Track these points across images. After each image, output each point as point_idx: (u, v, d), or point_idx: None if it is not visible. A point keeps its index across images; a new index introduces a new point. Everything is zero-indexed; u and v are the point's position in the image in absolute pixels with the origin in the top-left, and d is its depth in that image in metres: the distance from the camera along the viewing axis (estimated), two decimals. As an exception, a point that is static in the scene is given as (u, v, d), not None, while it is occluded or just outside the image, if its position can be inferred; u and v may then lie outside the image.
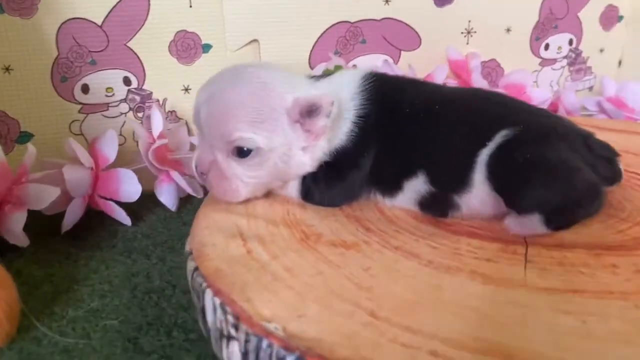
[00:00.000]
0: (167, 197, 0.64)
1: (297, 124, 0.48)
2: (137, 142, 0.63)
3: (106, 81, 0.66)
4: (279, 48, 0.73)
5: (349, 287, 0.37)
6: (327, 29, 0.74)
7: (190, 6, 0.68)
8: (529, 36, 0.86)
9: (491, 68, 0.85)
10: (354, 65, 0.77)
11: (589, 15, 0.89)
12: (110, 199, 0.60)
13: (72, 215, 0.57)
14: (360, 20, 0.75)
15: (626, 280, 0.38)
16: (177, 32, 0.68)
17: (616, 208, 0.50)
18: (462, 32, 0.81)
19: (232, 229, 0.46)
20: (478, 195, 0.46)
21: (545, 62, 0.89)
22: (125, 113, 0.69)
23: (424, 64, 0.80)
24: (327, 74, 0.54)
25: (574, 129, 0.48)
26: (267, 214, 0.49)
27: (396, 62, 0.79)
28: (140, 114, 0.69)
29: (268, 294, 0.37)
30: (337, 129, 0.49)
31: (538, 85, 0.90)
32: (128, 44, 0.66)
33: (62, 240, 0.57)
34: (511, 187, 0.44)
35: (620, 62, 0.95)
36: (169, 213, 0.64)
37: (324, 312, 0.35)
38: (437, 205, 0.48)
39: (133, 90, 0.68)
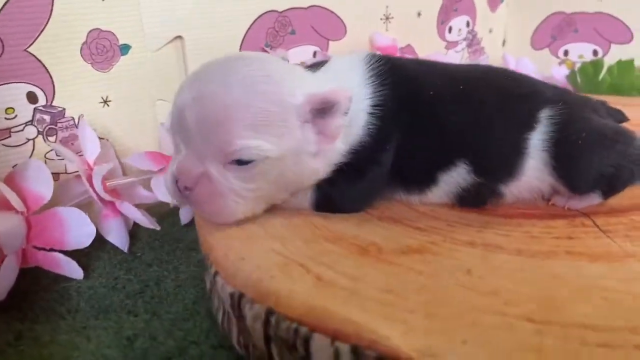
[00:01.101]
0: (116, 235, 0.51)
1: (308, 125, 0.39)
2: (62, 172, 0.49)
3: (5, 99, 0.51)
4: (206, 44, 0.63)
5: (472, 296, 0.31)
6: (255, 20, 0.66)
7: (103, 0, 0.55)
8: (435, 20, 0.86)
9: (408, 53, 0.84)
10: (284, 58, 0.70)
11: (480, -3, 0.93)
12: (51, 250, 0.45)
13: (7, 279, 0.42)
14: (289, 9, 0.69)
15: None
16: (90, 31, 0.55)
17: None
18: (381, 19, 0.79)
19: (273, 255, 0.37)
20: (527, 182, 0.43)
21: (449, 45, 0.90)
22: (33, 139, 0.53)
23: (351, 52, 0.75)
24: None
25: (590, 98, 0.48)
26: (293, 231, 0.41)
27: (325, 52, 0.74)
28: (52, 138, 0.54)
29: (399, 324, 0.29)
30: (353, 125, 0.41)
31: (445, 68, 0.91)
32: (29, 49, 0.51)
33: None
34: (575, 171, 0.42)
35: (504, 42, 1.00)
36: (121, 255, 0.51)
37: (480, 333, 0.28)
38: (479, 197, 0.43)
39: (41, 108, 0.53)
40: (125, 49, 0.58)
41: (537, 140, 0.42)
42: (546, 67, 0.92)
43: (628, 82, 0.75)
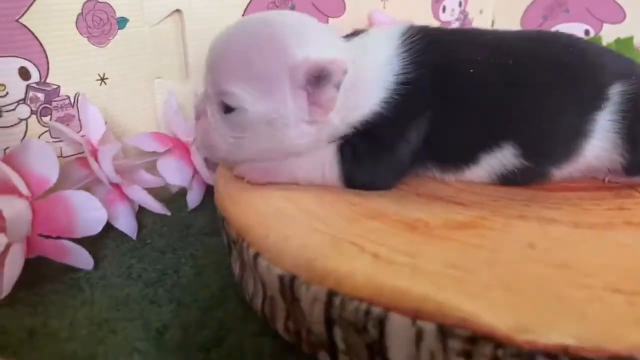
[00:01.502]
0: (124, 221, 0.47)
1: (301, 91, 0.38)
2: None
3: (-6, 75, 0.46)
4: (206, 18, 0.59)
5: (545, 270, 0.29)
6: (255, -5, 0.63)
7: (97, -33, 0.50)
8: (430, -1, 0.85)
9: (404, 33, 0.82)
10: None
11: (471, -23, 0.91)
12: (58, 237, 0.41)
13: (13, 271, 0.38)
14: (288, -16, 0.65)
15: None
16: (86, 2, 0.50)
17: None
18: (379, -5, 0.76)
19: (319, 235, 0.34)
20: (585, 163, 0.40)
21: (444, 25, 0.89)
22: (26, 119, 0.49)
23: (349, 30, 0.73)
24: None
25: None
26: (330, 210, 0.38)
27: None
28: (46, 118, 0.50)
29: (481, 300, 0.27)
30: (362, 100, 0.39)
31: (439, 48, 0.89)
32: (21, 20, 0.47)
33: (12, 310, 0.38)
34: None
35: (493, 23, 0.99)
36: (129, 242, 0.47)
37: (571, 307, 0.26)
38: (525, 178, 0.41)
39: (34, 85, 0.48)
40: (122, 22, 0.53)
41: (606, 121, 0.38)
42: None
43: (626, 60, 0.75)
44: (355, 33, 0.43)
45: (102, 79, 0.53)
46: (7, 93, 0.47)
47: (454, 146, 0.40)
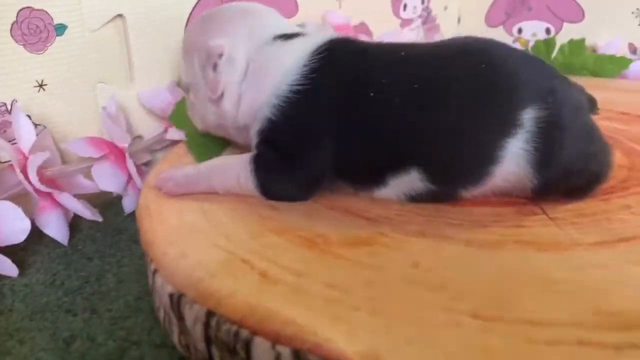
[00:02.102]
0: (54, 228, 0.48)
1: (206, 70, 0.44)
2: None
3: None
4: (149, 23, 0.60)
5: (420, 291, 0.31)
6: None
7: (32, -25, 0.51)
8: (390, -3, 0.85)
9: (362, 32, 0.82)
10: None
11: (434, -26, 0.91)
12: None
13: None
14: (237, -13, 0.66)
15: (651, 218, 0.38)
16: (20, 9, 0.51)
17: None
18: (334, -5, 0.77)
19: (217, 252, 0.35)
20: (494, 185, 0.39)
21: (404, 23, 0.89)
22: (-34, 127, 0.50)
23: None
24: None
25: (577, 87, 0.43)
26: (238, 224, 0.39)
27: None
28: (-19, 126, 0.51)
29: (342, 324, 0.28)
30: (255, 99, 0.43)
31: (401, 46, 0.90)
32: (-49, 30, 0.48)
33: None
34: (560, 184, 0.39)
35: (459, 19, 1.00)
36: (60, 249, 0.49)
37: (425, 331, 0.28)
38: (434, 199, 0.41)
39: (-32, 93, 0.50)
40: (60, 29, 0.54)
41: (516, 148, 0.37)
42: None
43: (579, 62, 0.75)
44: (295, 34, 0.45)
45: (41, 85, 0.54)
46: (-61, 102, 0.48)
47: (361, 166, 0.41)
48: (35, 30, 0.52)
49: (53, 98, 0.55)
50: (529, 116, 0.37)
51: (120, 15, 0.58)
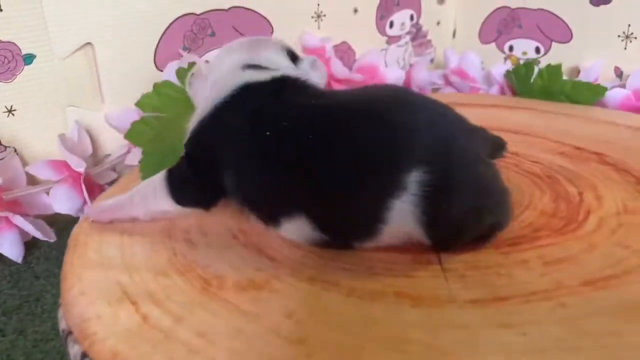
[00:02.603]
0: (9, 247, 0.52)
1: None
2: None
3: None
4: (118, 50, 0.63)
5: (279, 345, 0.33)
6: (171, 24, 0.66)
7: (1, 10, 0.55)
8: (374, 15, 0.85)
9: (343, 51, 0.83)
10: (207, 61, 0.70)
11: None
12: None
13: None
14: (207, 12, 0.68)
15: (541, 276, 0.39)
16: (-13, 42, 0.55)
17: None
18: (312, 17, 0.78)
19: (114, 291, 0.38)
20: (387, 241, 0.40)
21: (391, 40, 0.90)
22: None
23: (279, 53, 0.75)
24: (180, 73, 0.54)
25: (480, 134, 0.43)
26: (149, 260, 0.42)
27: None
28: (-48, 149, 0.56)
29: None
30: (198, 111, 0.46)
31: (387, 64, 0.90)
32: None
33: None
34: (450, 240, 0.40)
35: (454, 33, 0.99)
36: (14, 266, 0.53)
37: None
38: (329, 246, 0.41)
39: (-62, 120, 0.54)
40: (29, 58, 0.58)
41: (402, 210, 0.37)
42: (493, 62, 0.91)
43: (557, 87, 0.75)
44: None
45: (10, 111, 0.58)
46: None
47: (257, 203, 0.42)
48: (4, 61, 0.57)
49: (23, 122, 0.60)
50: (413, 179, 0.36)
51: (89, 44, 0.62)
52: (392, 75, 0.83)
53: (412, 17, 0.91)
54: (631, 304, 0.35)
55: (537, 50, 0.87)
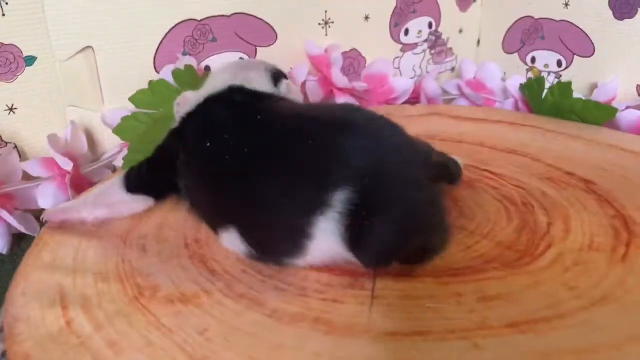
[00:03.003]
0: (-6, 238, 0.56)
1: None
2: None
3: None
4: (117, 53, 0.66)
5: (180, 360, 0.34)
6: (170, 29, 0.68)
7: (3, 14, 0.58)
8: (387, 22, 0.84)
9: (352, 58, 0.83)
10: (207, 66, 0.72)
11: (446, -3, 0.89)
12: None
13: None
14: (208, 17, 0.70)
15: (469, 312, 0.37)
16: (-10, 45, 0.59)
17: (466, 217, 0.50)
18: (319, 24, 0.78)
19: (52, 293, 0.40)
20: (316, 259, 0.41)
21: (406, 48, 0.88)
22: (-63, 144, 0.59)
23: (283, 60, 0.75)
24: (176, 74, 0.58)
25: (424, 158, 0.43)
26: (97, 265, 0.44)
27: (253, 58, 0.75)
28: (-45, 143, 0.60)
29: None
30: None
31: (401, 71, 0.89)
32: None
33: None
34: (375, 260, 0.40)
35: (478, 42, 0.96)
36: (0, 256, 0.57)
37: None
38: (263, 261, 0.42)
39: (-57, 116, 0.59)
40: (30, 60, 0.62)
41: (328, 227, 0.38)
42: (515, 74, 0.88)
43: (567, 105, 0.71)
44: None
45: (11, 109, 0.62)
46: None
47: (200, 210, 0.45)
48: (5, 62, 0.60)
49: (23, 120, 0.63)
50: (338, 197, 0.37)
51: (89, 47, 0.64)
52: (400, 85, 0.81)
53: (430, 25, 0.89)
54: (546, 352, 0.33)
55: (559, 63, 0.83)
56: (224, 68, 0.55)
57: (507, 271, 0.41)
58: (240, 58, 0.74)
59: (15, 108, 0.62)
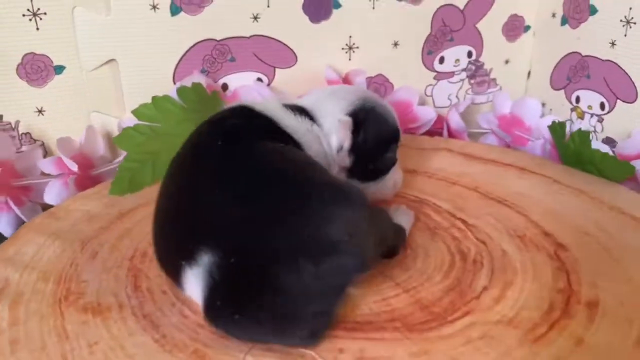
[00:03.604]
0: (4, 226, 0.64)
1: None
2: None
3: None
4: (139, 67, 0.71)
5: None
6: (190, 47, 0.72)
7: (38, 28, 0.66)
8: (420, 50, 0.82)
9: (379, 84, 0.82)
10: (224, 84, 0.75)
11: (490, 26, 0.85)
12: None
13: None
14: (228, 38, 0.73)
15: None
16: (25, 54, 0.67)
17: (402, 267, 0.48)
18: (342, 48, 0.78)
19: (-1, 285, 0.46)
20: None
21: (440, 76, 0.85)
22: (-24, 137, 0.68)
23: (303, 82, 0.77)
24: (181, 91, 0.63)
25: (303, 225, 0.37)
26: (48, 264, 0.49)
27: (271, 80, 0.77)
28: (-8, 137, 0.69)
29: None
30: None
31: (434, 100, 0.87)
32: (-29, 66, 0.66)
33: None
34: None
35: (529, 74, 0.91)
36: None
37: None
38: None
39: (-19, 113, 0.68)
40: (59, 69, 0.69)
41: (191, 279, 0.37)
42: (560, 112, 0.83)
43: (587, 155, 0.65)
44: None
45: (40, 111, 0.70)
46: (-39, 116, 0.67)
47: None
48: (37, 70, 0.68)
49: (51, 121, 0.71)
50: (200, 255, 0.36)
51: (113, 60, 0.70)
52: (425, 114, 0.80)
53: (470, 54, 0.86)
54: None
55: (602, 106, 0.76)
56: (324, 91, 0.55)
57: (404, 334, 0.40)
58: (259, 79, 0.76)
59: (44, 111, 0.70)
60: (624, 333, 0.40)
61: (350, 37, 0.78)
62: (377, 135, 0.52)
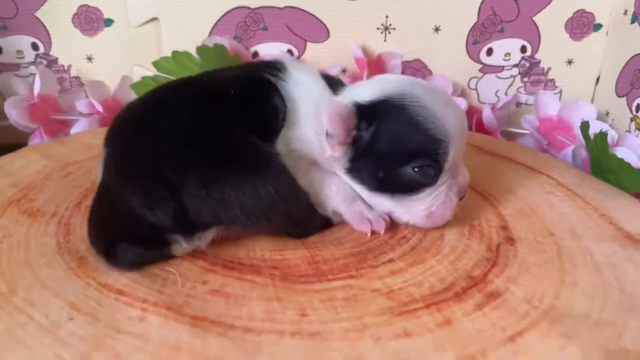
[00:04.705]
0: (36, 150, 0.72)
1: None
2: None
3: (16, 45, 0.77)
4: (178, 28, 0.76)
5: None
6: (225, 13, 0.76)
7: (92, -16, 0.74)
8: (464, 38, 0.78)
9: (415, 69, 0.79)
10: (255, 52, 0.78)
11: (550, 21, 0.78)
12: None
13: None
14: (261, 7, 0.76)
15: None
16: (80, 6, 0.75)
17: (323, 234, 0.47)
18: (378, 28, 0.77)
19: None
20: None
21: (487, 69, 0.80)
22: (34, 73, 0.79)
23: (333, 59, 0.78)
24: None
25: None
26: (27, 176, 0.55)
27: (301, 52, 0.78)
28: (48, 75, 0.78)
29: None
30: None
31: (479, 94, 0.81)
32: (35, 14, 0.75)
33: None
34: None
35: (598, 80, 0.81)
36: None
37: None
38: None
39: (40, 54, 0.77)
40: (109, 22, 0.77)
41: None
42: (621, 121, 0.74)
43: (605, 160, 0.57)
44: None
45: (89, 59, 0.78)
46: (24, 56, 0.77)
47: None
48: (90, 21, 0.76)
49: (98, 69, 0.79)
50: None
51: (156, 18, 0.76)
52: (455, 105, 0.75)
53: (523, 49, 0.79)
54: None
55: (659, 116, 0.67)
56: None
57: (274, 281, 0.39)
58: (289, 51, 0.78)
59: (93, 59, 0.78)
60: (501, 331, 0.35)
61: (387, 17, 0.76)
62: (393, 138, 0.43)
